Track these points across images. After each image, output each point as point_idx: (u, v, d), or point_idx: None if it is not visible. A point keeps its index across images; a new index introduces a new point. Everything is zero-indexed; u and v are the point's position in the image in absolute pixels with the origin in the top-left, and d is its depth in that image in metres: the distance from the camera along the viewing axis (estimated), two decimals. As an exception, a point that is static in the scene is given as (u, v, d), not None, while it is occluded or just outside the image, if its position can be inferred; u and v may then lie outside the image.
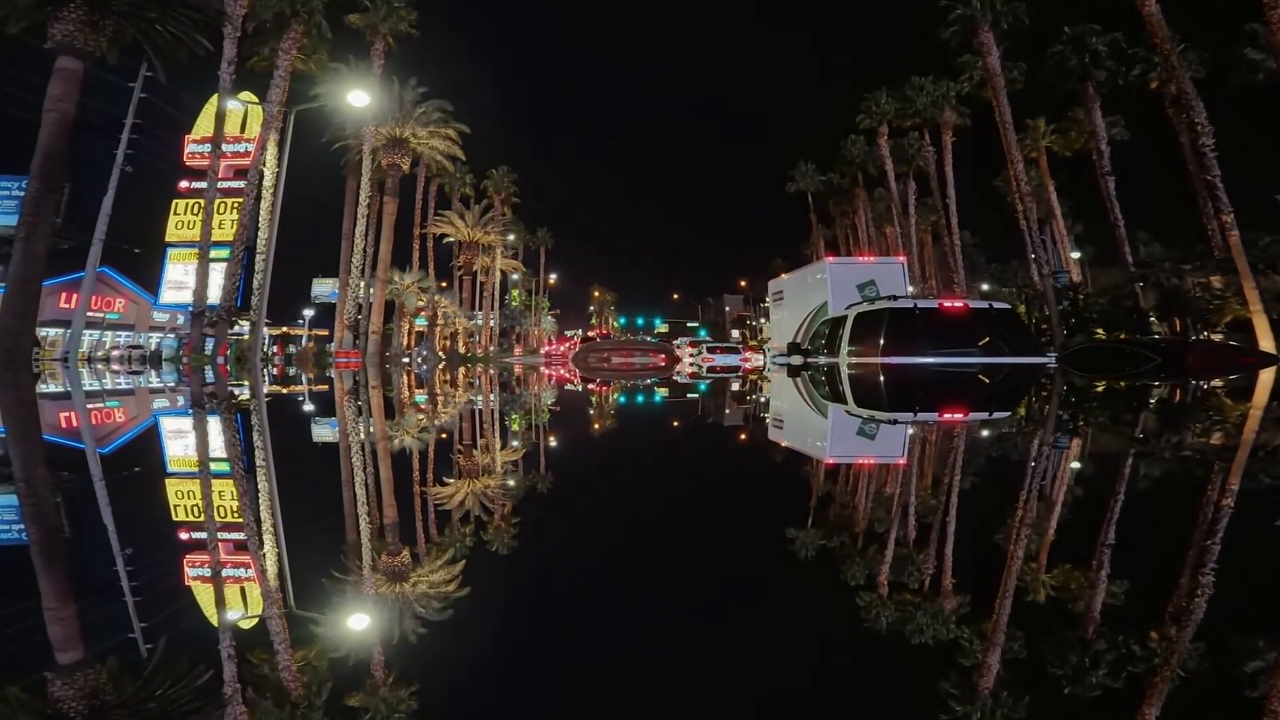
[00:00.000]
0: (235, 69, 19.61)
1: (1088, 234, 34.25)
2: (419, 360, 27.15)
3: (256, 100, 27.13)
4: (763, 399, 7.09)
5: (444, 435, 4.05)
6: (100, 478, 2.58)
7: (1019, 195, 22.43)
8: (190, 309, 52.78)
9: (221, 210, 62.25)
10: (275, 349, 42.48)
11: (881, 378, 7.96)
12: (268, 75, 21.25)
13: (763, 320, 48.06)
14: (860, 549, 1.57)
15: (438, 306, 31.67)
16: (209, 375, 13.82)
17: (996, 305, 8.83)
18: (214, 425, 4.50)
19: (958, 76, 30.04)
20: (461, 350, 37.49)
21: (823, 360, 11.27)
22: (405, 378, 13.62)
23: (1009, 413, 5.16)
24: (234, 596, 1.31)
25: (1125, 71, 25.68)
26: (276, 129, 21.18)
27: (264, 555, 1.55)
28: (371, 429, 4.41)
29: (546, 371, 16.68)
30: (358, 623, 1.19)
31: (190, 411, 5.57)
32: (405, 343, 28.54)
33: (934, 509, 2.03)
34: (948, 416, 5.00)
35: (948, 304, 8.80)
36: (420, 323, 37.65)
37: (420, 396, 7.88)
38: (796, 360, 13.21)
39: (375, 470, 2.74)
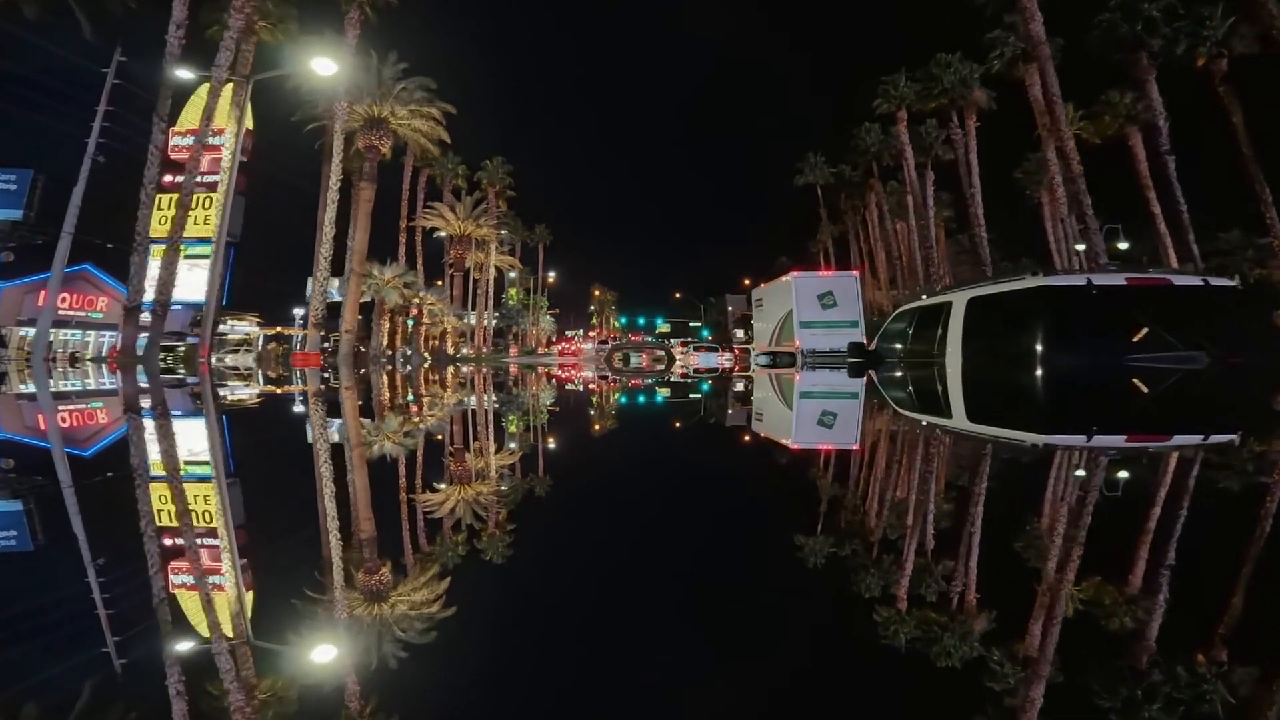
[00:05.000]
0: (186, 34, 17.41)
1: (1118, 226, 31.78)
2: (401, 361, 25.05)
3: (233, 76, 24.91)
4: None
5: (396, 443, 3.59)
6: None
7: (1070, 178, 20.10)
8: (172, 307, 50.62)
9: (206, 205, 60.20)
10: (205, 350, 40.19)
11: (1037, 381, 5.76)
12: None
13: (760, 322, 46.20)
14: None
15: (423, 303, 29.45)
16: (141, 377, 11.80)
17: (1214, 282, 6.15)
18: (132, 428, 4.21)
19: (984, 56, 27.88)
20: (450, 350, 35.27)
21: (902, 361, 9.29)
22: (379, 379, 12.19)
23: (1237, 434, 3.33)
24: (185, 623, 1.19)
25: (1171, 48, 23.40)
26: (237, 103, 19.02)
27: (210, 575, 1.44)
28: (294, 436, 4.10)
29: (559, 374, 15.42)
30: (327, 649, 1.10)
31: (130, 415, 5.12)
32: (384, 342, 26.33)
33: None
34: (1143, 443, 3.28)
35: (1140, 279, 6.07)
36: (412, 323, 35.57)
37: (368, 399, 6.99)
38: (853, 360, 11.54)
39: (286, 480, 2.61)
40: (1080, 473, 2.52)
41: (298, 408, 6.35)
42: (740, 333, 64.32)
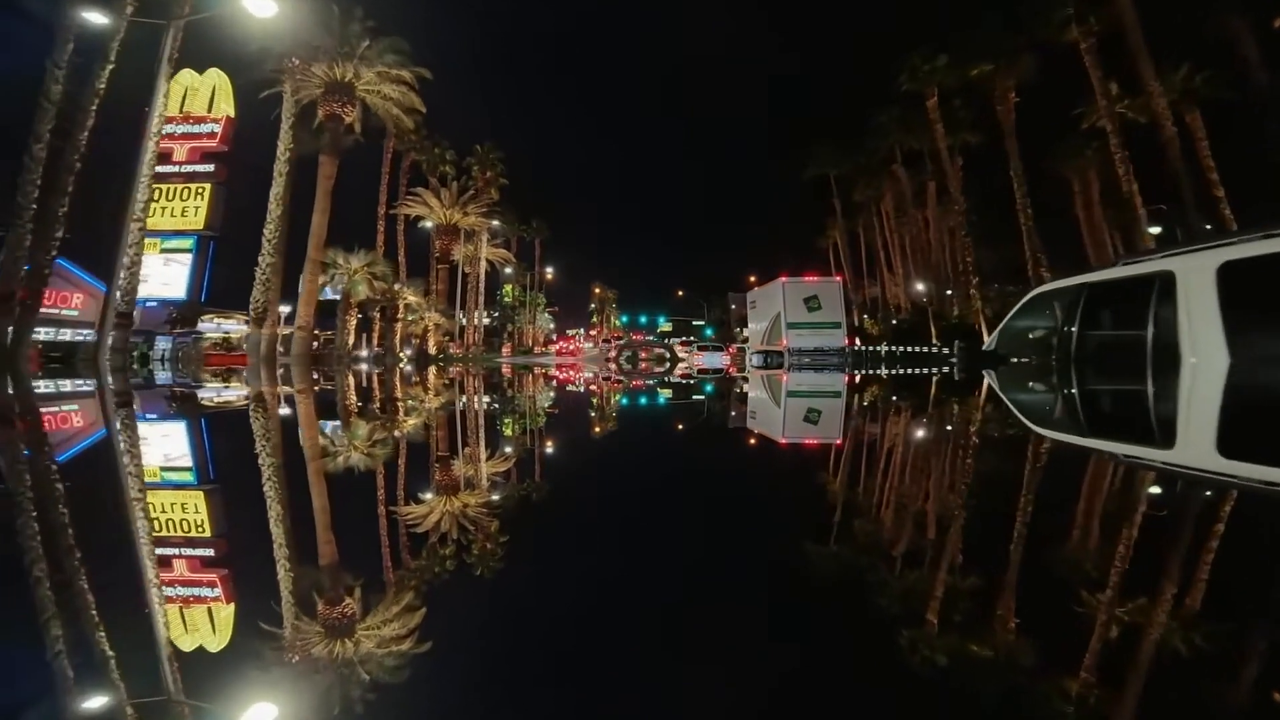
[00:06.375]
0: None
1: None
2: (373, 361, 22.13)
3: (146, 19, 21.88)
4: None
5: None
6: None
7: (1166, 143, 17.03)
8: (145, 303, 47.57)
9: (185, 196, 57.21)
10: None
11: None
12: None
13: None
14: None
15: (399, 297, 26.39)
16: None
17: None
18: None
19: (1023, 25, 24.95)
20: (432, 350, 32.26)
21: (1060, 360, 7.58)
22: (342, 381, 10.66)
23: None
24: (100, 676, 1.03)
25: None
26: (170, 59, 15.99)
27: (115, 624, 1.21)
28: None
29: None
30: (276, 698, 0.97)
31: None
32: (350, 340, 23.21)
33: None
34: None
35: None
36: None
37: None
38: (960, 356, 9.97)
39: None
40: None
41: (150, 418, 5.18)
42: (741, 331, 61.85)
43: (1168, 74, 25.60)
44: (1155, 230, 19.13)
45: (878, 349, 36.93)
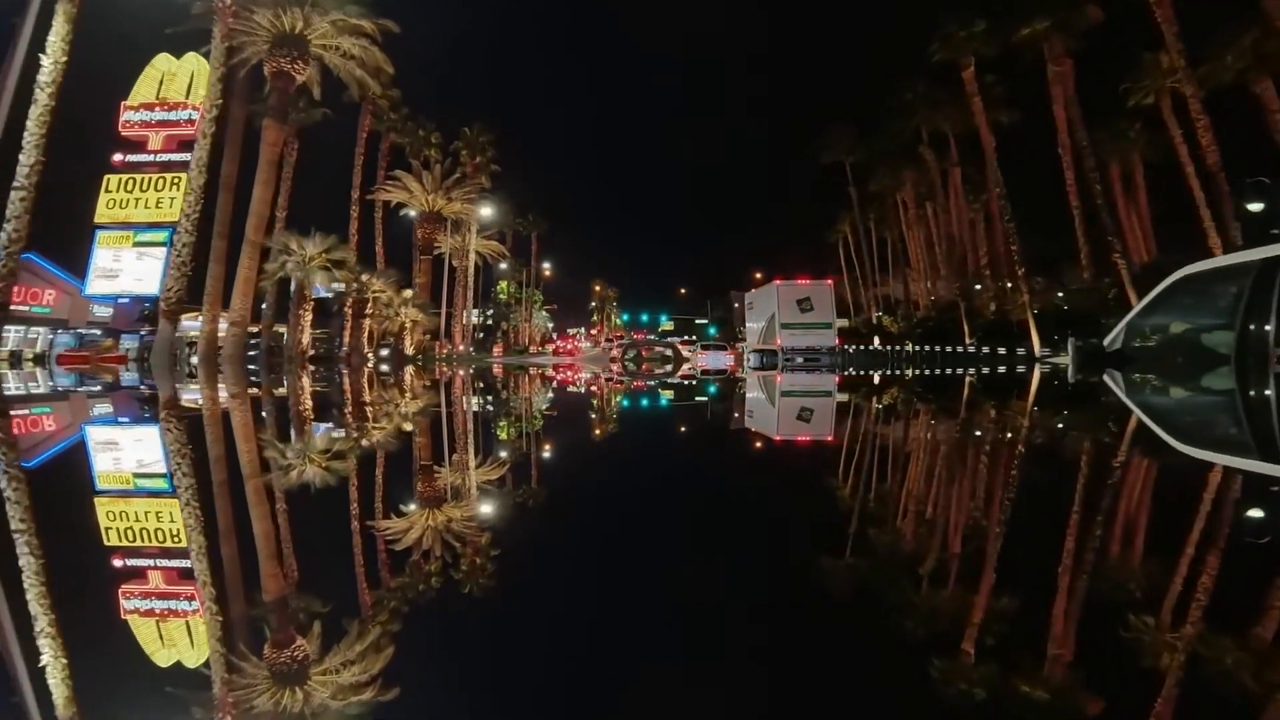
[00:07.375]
0: None
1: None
2: (331, 361, 19.28)
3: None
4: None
5: None
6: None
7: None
8: (118, 299, 44.52)
9: (160, 186, 54.40)
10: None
11: None
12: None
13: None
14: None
15: (368, 289, 23.46)
16: None
17: None
18: None
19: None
20: (410, 349, 29.37)
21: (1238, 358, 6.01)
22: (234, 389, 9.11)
23: None
24: None
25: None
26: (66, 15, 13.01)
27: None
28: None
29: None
30: None
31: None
32: (305, 337, 20.17)
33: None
34: None
35: None
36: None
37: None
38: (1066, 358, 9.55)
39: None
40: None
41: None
42: (741, 330, 59.32)
43: (1238, 38, 22.62)
44: (1257, 206, 16.01)
45: (902, 348, 34.07)
